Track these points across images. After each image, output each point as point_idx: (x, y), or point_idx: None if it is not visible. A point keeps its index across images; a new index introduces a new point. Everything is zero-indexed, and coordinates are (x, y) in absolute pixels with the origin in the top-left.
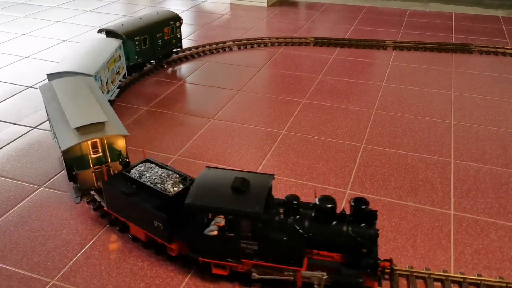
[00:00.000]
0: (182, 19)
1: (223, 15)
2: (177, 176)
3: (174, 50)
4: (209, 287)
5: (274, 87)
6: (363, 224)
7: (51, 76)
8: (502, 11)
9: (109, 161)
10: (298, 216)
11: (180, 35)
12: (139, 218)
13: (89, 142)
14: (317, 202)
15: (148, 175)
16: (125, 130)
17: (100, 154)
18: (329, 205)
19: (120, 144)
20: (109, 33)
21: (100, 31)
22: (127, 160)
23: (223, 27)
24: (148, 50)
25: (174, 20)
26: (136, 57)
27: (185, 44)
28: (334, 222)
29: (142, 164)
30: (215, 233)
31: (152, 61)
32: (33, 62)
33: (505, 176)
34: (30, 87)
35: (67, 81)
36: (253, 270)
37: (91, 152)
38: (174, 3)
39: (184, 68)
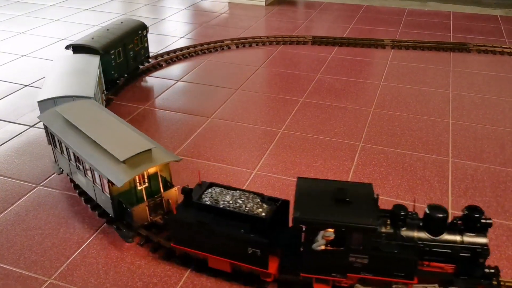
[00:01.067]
0: (148, 28)
1: (221, 14)
2: (254, 195)
3: (144, 61)
4: (207, 286)
5: (272, 86)
6: (473, 234)
7: (45, 104)
8: (500, 10)
9: (162, 190)
10: (406, 227)
11: (148, 44)
12: (223, 248)
13: (143, 173)
14: (428, 212)
15: (225, 199)
16: (175, 155)
17: (146, 184)
18: (442, 215)
19: (166, 170)
20: (78, 48)
21: (68, 47)
22: (189, 187)
23: (221, 25)
24: (122, 63)
25: (141, 30)
26: (113, 72)
27: (183, 43)
28: (445, 232)
29: (209, 189)
30: (323, 247)
31: (125, 75)
32: (31, 60)
33: (503, 175)
34: (28, 85)
35: (74, 106)
36: (358, 286)
37: (140, 184)
38: (172, 1)
39: (182, 67)
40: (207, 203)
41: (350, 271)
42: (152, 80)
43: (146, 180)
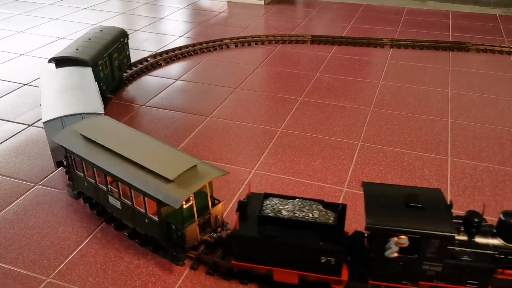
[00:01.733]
0: (128, 35)
1: (220, 13)
2: (314, 202)
3: (127, 69)
4: (205, 284)
5: (271, 85)
6: None
7: (52, 124)
8: (499, 10)
9: (211, 207)
10: (479, 234)
11: (129, 52)
12: (292, 260)
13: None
14: (503, 218)
15: (287, 209)
16: (221, 169)
17: (191, 202)
18: None
19: (209, 185)
20: (63, 61)
21: (51, 60)
22: (245, 200)
23: (220, 24)
24: (109, 74)
25: (123, 37)
26: (102, 84)
27: (182, 42)
28: None
29: (267, 201)
30: (396, 254)
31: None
32: (29, 59)
33: (502, 174)
34: (27, 84)
35: (92, 124)
36: None
37: (186, 202)
38: (171, 0)
39: (181, 66)
40: (270, 214)
41: (422, 279)
42: (151, 79)
43: (191, 198)
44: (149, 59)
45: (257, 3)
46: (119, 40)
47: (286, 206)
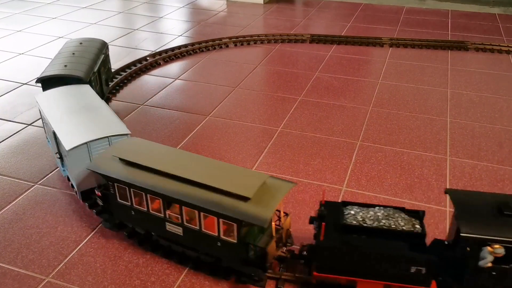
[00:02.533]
0: (108, 45)
1: (219, 12)
2: (396, 210)
3: (110, 82)
4: (205, 284)
5: (271, 84)
6: None
7: (77, 151)
8: (498, 9)
9: (283, 221)
10: None
11: (110, 64)
12: (378, 270)
13: None
14: None
15: (370, 217)
16: (289, 181)
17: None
18: None
19: None
20: (54, 80)
21: (40, 80)
22: (323, 210)
23: (219, 24)
24: (99, 90)
25: (105, 49)
26: None
27: (181, 41)
28: None
29: (347, 210)
30: (490, 264)
31: None
32: (28, 58)
33: (501, 173)
34: (26, 84)
35: (127, 146)
36: None
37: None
38: (170, 0)
39: (180, 65)
40: (355, 223)
41: None
42: (150, 79)
43: None
44: (148, 58)
45: (256, 2)
46: (102, 53)
47: (369, 215)
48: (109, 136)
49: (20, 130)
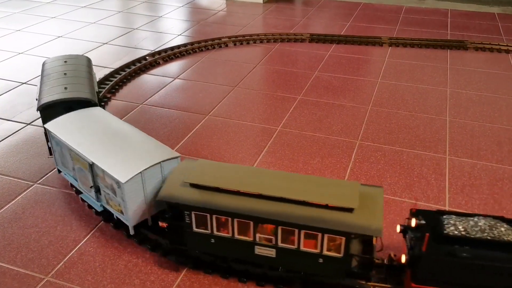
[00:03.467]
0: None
1: (218, 11)
2: (497, 220)
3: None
4: (204, 283)
5: (270, 83)
6: None
7: (133, 181)
8: (497, 8)
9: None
10: None
11: (96, 79)
12: (483, 283)
13: None
14: None
15: (471, 226)
16: (375, 186)
17: None
18: None
19: None
20: (54, 106)
21: (40, 109)
22: (420, 219)
23: (219, 23)
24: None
25: (91, 65)
26: None
27: (181, 40)
28: None
29: (446, 219)
30: None
31: None
32: (27, 58)
33: (500, 172)
34: (25, 83)
35: (187, 169)
36: None
37: None
38: None
39: (179, 65)
40: (457, 233)
41: None
42: (149, 78)
43: None
44: (147, 57)
45: (256, 1)
46: (92, 70)
47: (469, 224)
48: (161, 161)
49: (19, 129)
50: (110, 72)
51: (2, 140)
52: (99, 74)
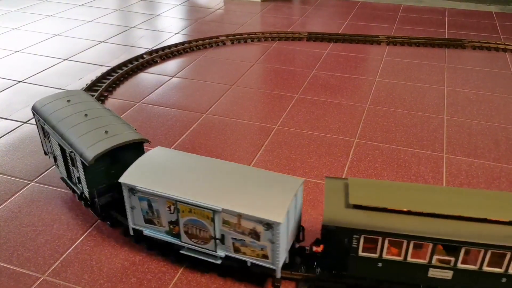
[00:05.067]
0: None
1: (216, 10)
2: None
3: None
4: (201, 282)
5: (268, 82)
6: None
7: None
8: (495, 7)
9: None
10: None
11: None
12: None
13: None
14: None
15: None
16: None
17: None
18: None
19: None
20: (107, 154)
21: (93, 160)
22: None
23: (217, 21)
24: None
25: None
26: None
27: (178, 39)
28: None
29: None
30: None
31: None
32: (24, 56)
33: (497, 170)
34: (21, 81)
35: (342, 191)
36: None
37: None
38: None
39: (177, 63)
40: None
41: None
42: (146, 76)
43: None
44: (145, 56)
45: (253, 0)
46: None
47: None
48: (296, 193)
49: (16, 128)
50: (107, 70)
51: None
52: (96, 72)
